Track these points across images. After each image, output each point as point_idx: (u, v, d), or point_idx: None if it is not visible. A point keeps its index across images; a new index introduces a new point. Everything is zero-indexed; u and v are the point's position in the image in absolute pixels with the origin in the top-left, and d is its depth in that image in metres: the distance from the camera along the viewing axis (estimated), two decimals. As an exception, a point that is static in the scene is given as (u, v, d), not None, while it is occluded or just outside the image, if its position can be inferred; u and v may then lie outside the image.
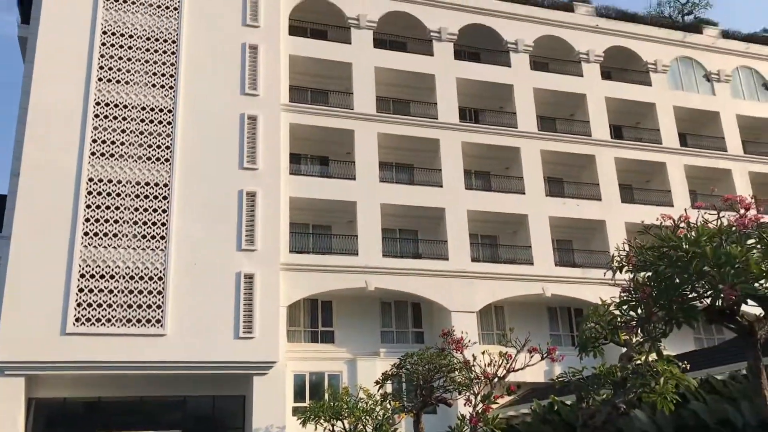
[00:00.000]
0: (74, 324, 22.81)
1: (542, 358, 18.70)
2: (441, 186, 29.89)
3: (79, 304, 23.10)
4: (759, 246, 7.81)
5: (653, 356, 11.98)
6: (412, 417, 22.05)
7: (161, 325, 23.65)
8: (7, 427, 21.75)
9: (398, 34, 32.93)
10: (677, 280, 8.16)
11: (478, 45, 34.03)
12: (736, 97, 37.02)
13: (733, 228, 8.01)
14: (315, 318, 28.22)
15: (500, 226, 31.45)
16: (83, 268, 23.52)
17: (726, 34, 38.60)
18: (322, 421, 23.61)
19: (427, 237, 30.11)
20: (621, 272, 9.67)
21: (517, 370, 19.32)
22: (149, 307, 23.80)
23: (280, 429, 24.14)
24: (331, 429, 23.86)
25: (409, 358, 21.67)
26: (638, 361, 12.24)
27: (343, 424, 23.96)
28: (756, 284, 7.83)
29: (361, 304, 28.44)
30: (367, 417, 23.92)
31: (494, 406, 20.18)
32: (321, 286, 26.94)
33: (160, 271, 24.27)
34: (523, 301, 29.68)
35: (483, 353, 20.01)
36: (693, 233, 8.28)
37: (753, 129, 36.83)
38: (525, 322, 27.78)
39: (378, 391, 23.06)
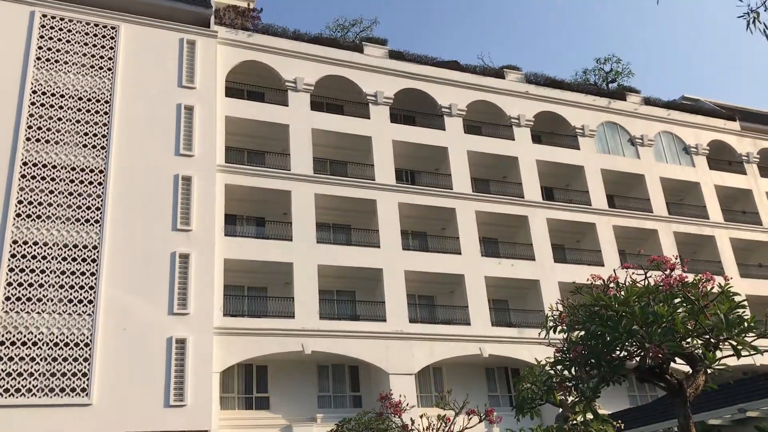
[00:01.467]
0: (-9, 395, 21.49)
1: (480, 420, 18.56)
2: (378, 246, 29.95)
3: (-3, 374, 21.83)
4: (684, 305, 8.03)
5: (589, 415, 12.07)
6: (349, 485, 21.42)
7: (86, 394, 22.52)
8: None
9: (335, 96, 33.43)
10: (608, 339, 8.29)
11: (414, 108, 34.83)
12: (659, 161, 38.77)
13: (660, 287, 8.23)
14: (249, 384, 27.40)
15: (437, 286, 31.59)
16: (2, 335, 22.35)
17: (648, 101, 40.69)
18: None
19: (365, 298, 29.96)
20: (555, 332, 9.79)
21: (456, 432, 19.11)
22: (74, 375, 22.69)
23: (211, 503, 23.04)
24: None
25: (346, 423, 21.20)
26: (573, 421, 12.29)
27: (279, 494, 23.10)
28: (683, 342, 8.03)
29: (297, 367, 27.82)
30: (304, 486, 23.17)
31: (433, 470, 19.83)
32: (256, 350, 26.28)
33: (87, 337, 23.27)
34: (461, 362, 29.64)
35: (421, 417, 19.75)
36: (622, 293, 8.48)
37: (676, 191, 38.56)
38: (463, 383, 27.75)
39: (314, 458, 22.40)
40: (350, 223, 31.30)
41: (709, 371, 8.57)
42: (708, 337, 8.03)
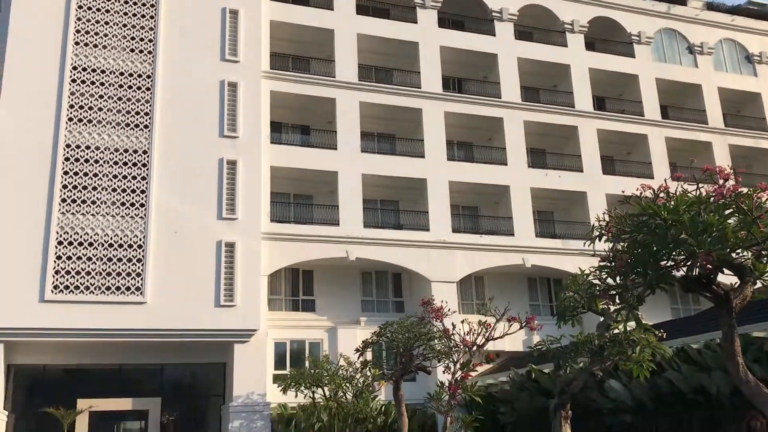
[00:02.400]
0: (52, 291, 22.62)
1: (521, 327, 18.86)
2: (423, 156, 29.79)
3: (57, 272, 22.88)
4: (736, 215, 7.85)
5: (630, 324, 12.11)
6: (391, 384, 22.23)
7: (141, 293, 23.52)
8: (-15, 394, 21.66)
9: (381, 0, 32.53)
10: (655, 248, 8.20)
11: (463, 13, 33.72)
12: (718, 70, 37.09)
13: (711, 198, 8.03)
14: (296, 287, 28.23)
15: (482, 197, 31.49)
16: (61, 235, 23.26)
17: (710, 6, 38.53)
18: (302, 388, 23.77)
19: (409, 208, 30.10)
20: (600, 241, 9.72)
21: (496, 338, 19.48)
22: (128, 275, 23.63)
23: (260, 396, 24.24)
24: (311, 396, 24.04)
25: (389, 326, 21.77)
26: (615, 330, 12.37)
27: (324, 391, 24.15)
28: (732, 253, 7.90)
29: (342, 273, 28.47)
30: (347, 384, 24.13)
31: (473, 374, 20.41)
32: (302, 255, 26.89)
33: (140, 239, 24.07)
34: (504, 272, 29.87)
35: (462, 322, 20.16)
36: (672, 202, 8.31)
37: (734, 102, 37.01)
38: (505, 292, 28.03)
39: (358, 358, 23.20)
40: (395, 132, 31.08)
41: (757, 283, 8.47)
42: (759, 248, 7.88)
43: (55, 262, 22.94)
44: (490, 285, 30.00)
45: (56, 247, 23.09)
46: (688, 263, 8.09)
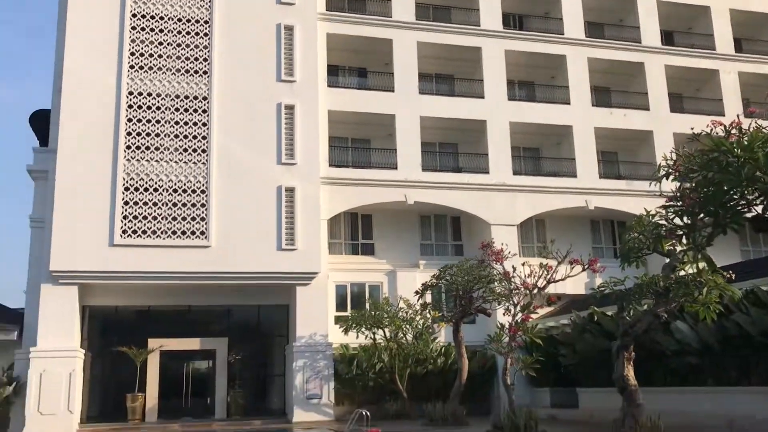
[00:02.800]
0: (121, 236, 23.41)
1: (583, 270, 18.63)
2: (483, 97, 29.20)
3: (125, 217, 23.62)
4: (816, 150, 7.42)
5: (700, 264, 11.76)
6: (451, 326, 22.43)
7: (205, 237, 24.11)
8: (65, 332, 22.80)
9: (438, -64, 31.49)
10: (726, 187, 7.85)
11: (523, -53, 32.38)
12: (799, -1, 34.77)
13: (790, 132, 7.60)
14: (355, 231, 28.46)
15: (543, 137, 30.81)
16: (127, 181, 23.92)
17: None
18: (363, 329, 24.21)
19: (468, 150, 29.71)
20: (667, 180, 9.36)
21: (558, 281, 19.34)
22: (193, 219, 24.22)
23: (323, 337, 24.80)
24: (372, 337, 24.46)
25: (448, 269, 21.85)
26: (682, 271, 12.04)
27: (384, 332, 24.54)
28: (811, 190, 7.49)
29: (400, 217, 28.52)
30: (407, 326, 24.46)
31: (533, 316, 20.38)
32: (361, 199, 27.00)
33: (203, 184, 24.54)
34: (565, 214, 29.36)
35: (523, 265, 20.02)
36: (745, 139, 7.89)
37: (816, 33, 34.75)
38: (567, 235, 27.64)
39: (418, 301, 23.45)
40: (454, 72, 30.46)
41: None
42: (840, 185, 7.45)
43: (123, 207, 23.66)
44: (552, 228, 29.58)
45: (123, 193, 23.78)
46: (762, 202, 7.72)
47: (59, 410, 22.06)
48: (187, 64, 25.40)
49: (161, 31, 25.52)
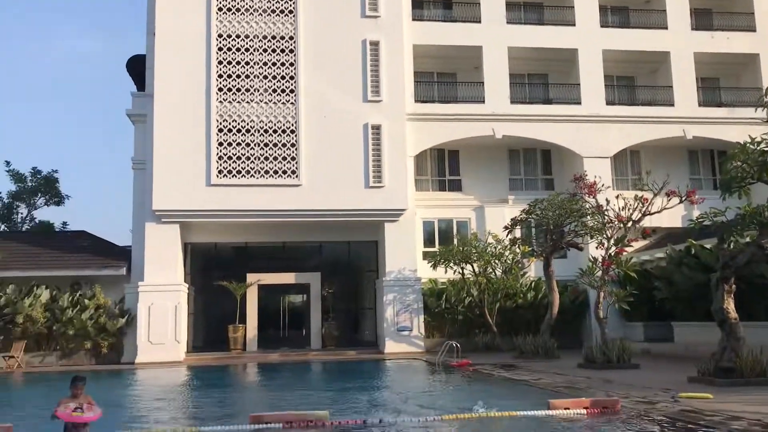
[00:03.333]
0: (217, 176, 24.29)
1: (680, 201, 18.02)
2: (573, 25, 28.04)
3: (220, 157, 24.44)
4: None
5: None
6: (541, 261, 22.29)
7: (296, 176, 24.68)
8: (169, 268, 24.14)
9: None
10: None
11: None
12: None
13: None
14: (442, 167, 28.36)
15: (638, 65, 29.42)
16: (220, 123, 24.64)
17: None
18: (451, 264, 24.40)
19: (558, 81, 28.78)
20: (776, 103, 8.84)
21: (653, 213, 18.80)
22: (284, 159, 24.78)
23: (411, 272, 25.19)
24: (460, 272, 24.65)
25: (539, 203, 21.57)
26: (789, 200, 11.45)
27: (473, 267, 24.66)
28: None
29: (488, 152, 28.16)
30: (496, 261, 24.47)
31: (628, 249, 19.95)
32: (447, 135, 26.80)
33: (292, 124, 24.97)
34: (662, 145, 28.19)
35: (617, 197, 19.55)
36: None
37: None
38: (663, 166, 26.62)
39: (507, 236, 23.33)
40: (542, 0, 29.32)
41: None
42: None
43: (217, 148, 24.46)
44: (647, 159, 28.52)
45: (217, 135, 24.54)
46: None
47: (167, 340, 23.57)
48: (273, 4, 25.55)
49: (246, -29, 25.65)
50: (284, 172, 24.71)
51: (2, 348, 22.93)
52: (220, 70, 24.90)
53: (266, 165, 24.67)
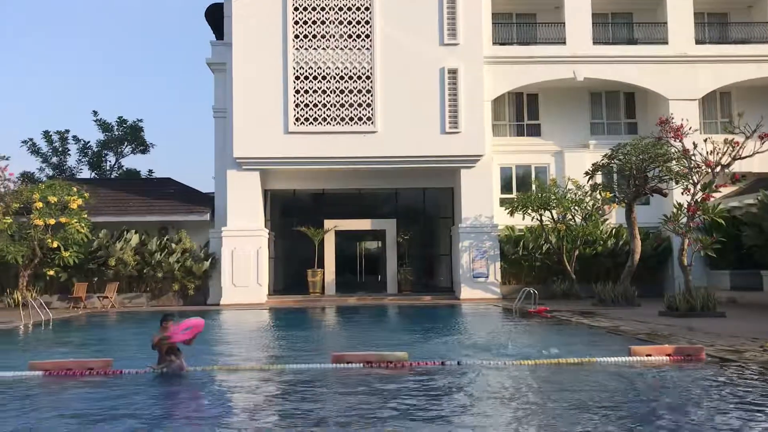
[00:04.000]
0: (294, 123, 24.58)
1: (775, 144, 17.10)
2: (661, -42, 26.58)
3: (297, 105, 24.68)
4: None
5: None
6: (623, 207, 21.72)
7: (371, 123, 24.69)
8: (250, 214, 24.84)
9: None
10: None
11: None
12: None
13: None
14: (520, 111, 27.78)
15: (731, 1, 27.68)
16: (297, 71, 24.78)
17: None
18: (529, 211, 24.09)
19: (644, 19, 27.48)
20: None
21: (744, 158, 17.98)
22: (360, 105, 24.80)
23: (488, 219, 25.03)
24: (538, 219, 24.33)
25: (621, 148, 20.91)
26: None
27: (551, 214, 24.29)
28: None
29: (568, 95, 27.36)
30: (576, 207, 23.99)
31: (715, 195, 19.19)
32: (526, 78, 26.13)
33: (367, 70, 24.87)
34: (756, 85, 26.66)
35: (705, 141, 18.72)
36: None
37: None
38: (756, 108, 25.23)
39: (587, 182, 22.81)
40: (628, -68, 27.82)
41: None
42: None
43: (294, 96, 24.69)
44: (739, 100, 27.07)
45: (294, 82, 24.73)
46: None
47: (250, 283, 24.43)
48: (348, -53, 25.20)
49: None
50: (360, 118, 24.76)
51: (97, 289, 24.32)
52: (296, 16, 24.92)
53: (342, 112, 24.76)
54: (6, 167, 22.59)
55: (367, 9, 25.01)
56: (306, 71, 24.82)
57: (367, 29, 24.97)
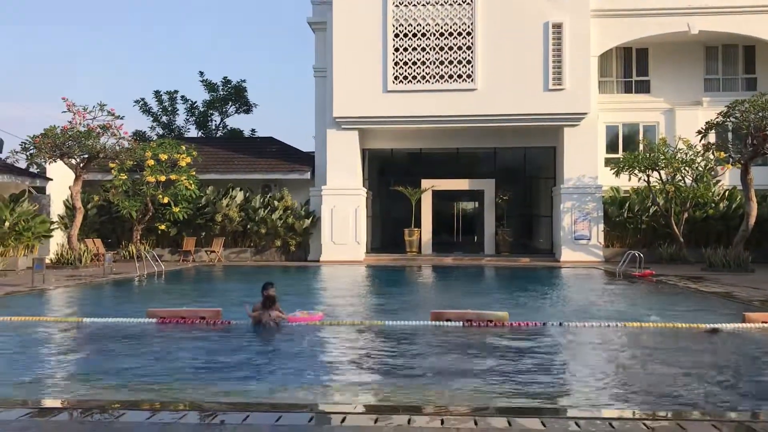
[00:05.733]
0: (393, 82, 24.48)
1: None
2: None
3: (396, 63, 24.54)
4: None
5: None
6: (738, 168, 20.51)
7: (471, 80, 24.25)
8: (349, 173, 25.13)
9: None
10: None
11: None
12: None
13: None
14: (629, 67, 26.52)
15: None
16: (396, 28, 24.58)
17: None
18: (636, 172, 23.14)
19: (769, -35, 25.41)
20: None
21: None
22: (459, 62, 24.38)
23: (592, 179, 24.25)
24: (645, 179, 23.35)
25: (738, 105, 19.66)
26: None
27: (660, 174, 23.25)
28: None
29: (681, 49, 25.85)
30: (687, 167, 22.85)
31: None
32: (635, 32, 24.82)
33: (468, 26, 24.34)
34: None
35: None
36: None
37: None
38: None
39: (699, 141, 21.65)
40: None
41: None
42: None
43: (393, 54, 24.54)
44: None
45: (393, 40, 24.56)
46: None
47: (348, 240, 24.83)
48: None
49: None
50: (459, 76, 24.36)
51: (205, 243, 25.42)
52: (396, -28, 24.61)
53: (441, 69, 24.43)
54: (121, 126, 23.74)
55: (468, -37, 24.38)
56: (406, 29, 24.58)
57: (468, -16, 24.36)
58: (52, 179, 24.95)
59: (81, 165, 23.14)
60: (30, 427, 4.51)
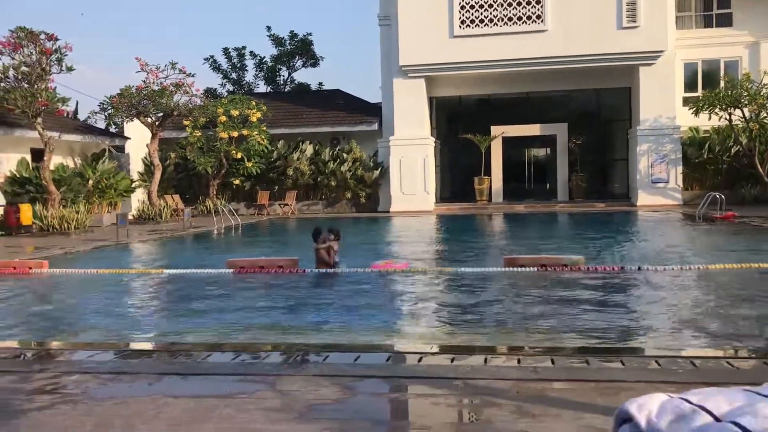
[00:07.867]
0: (460, 26, 23.97)
1: None
2: None
3: (462, 7, 23.97)
4: None
5: None
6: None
7: (541, 21, 23.49)
8: (417, 122, 24.97)
9: None
10: None
11: None
12: None
13: None
14: (708, 0, 25.09)
15: None
16: (463, -29, 23.93)
17: None
18: (717, 110, 22.10)
19: None
20: None
21: None
22: (528, 3, 23.61)
23: (669, 120, 23.33)
24: (727, 118, 22.30)
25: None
26: None
27: (743, 112, 22.15)
28: None
29: (768, -23, 24.25)
30: (773, 104, 21.66)
31: None
32: (717, -39, 23.44)
33: (536, -35, 23.47)
34: None
35: None
36: None
37: None
38: None
39: (788, 74, 20.41)
40: None
41: None
42: None
43: (459, -2, 23.98)
44: None
45: (459, -17, 23.96)
46: None
47: (417, 191, 24.83)
48: None
49: None
50: (528, 17, 23.62)
51: (278, 197, 25.92)
52: None
53: (509, 11, 23.74)
54: (192, 83, 24.21)
55: None
56: (471, -29, 23.90)
57: None
58: (129, 138, 25.81)
59: (156, 123, 23.82)
60: (123, 366, 4.79)
